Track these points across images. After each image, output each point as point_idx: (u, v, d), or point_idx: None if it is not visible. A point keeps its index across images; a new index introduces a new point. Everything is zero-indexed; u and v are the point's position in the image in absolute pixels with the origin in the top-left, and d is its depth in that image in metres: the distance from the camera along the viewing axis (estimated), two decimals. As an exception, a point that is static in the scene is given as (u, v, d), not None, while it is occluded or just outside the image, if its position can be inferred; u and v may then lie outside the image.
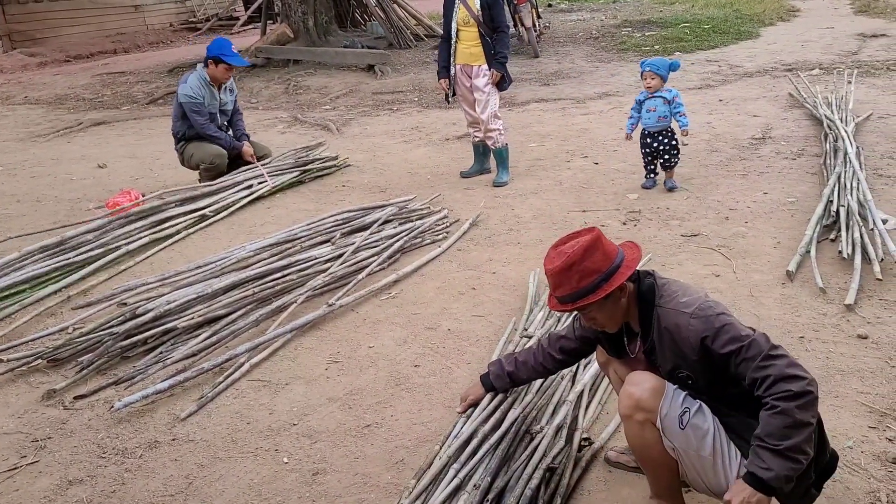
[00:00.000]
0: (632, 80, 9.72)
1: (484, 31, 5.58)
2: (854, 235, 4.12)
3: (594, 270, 2.10)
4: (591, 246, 2.11)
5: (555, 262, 2.14)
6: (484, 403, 2.71)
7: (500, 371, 2.68)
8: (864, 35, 12.03)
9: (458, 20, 5.65)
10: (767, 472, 1.85)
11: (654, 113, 5.36)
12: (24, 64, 15.20)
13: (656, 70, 5.28)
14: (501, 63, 5.67)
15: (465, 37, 5.68)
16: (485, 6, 5.55)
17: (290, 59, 12.34)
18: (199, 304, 3.85)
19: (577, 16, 16.63)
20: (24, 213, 5.84)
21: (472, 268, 4.44)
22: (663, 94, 5.31)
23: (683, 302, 2.09)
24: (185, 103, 5.66)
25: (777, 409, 1.85)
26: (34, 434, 3.03)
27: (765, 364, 1.92)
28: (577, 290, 2.12)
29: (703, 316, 2.04)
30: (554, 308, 2.21)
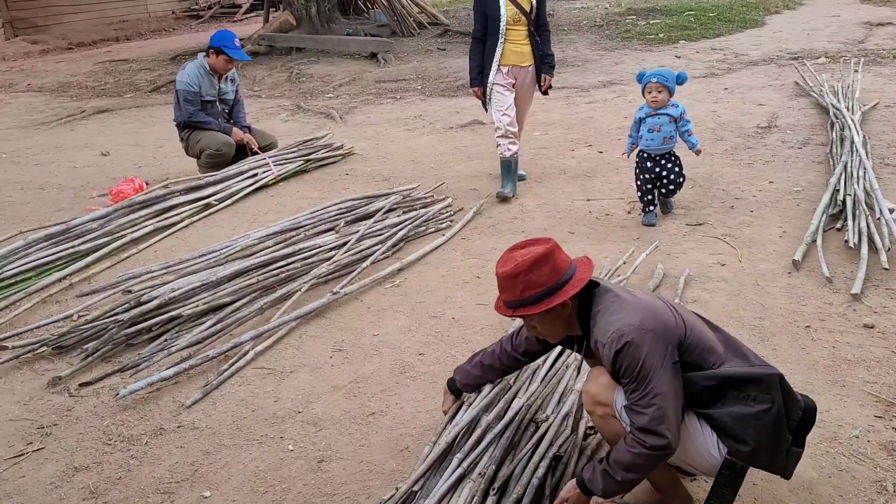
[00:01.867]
0: (636, 69, 9.67)
1: (534, 29, 5.15)
2: (860, 225, 4.11)
3: (539, 284, 2.11)
4: (540, 259, 2.11)
5: (504, 266, 2.15)
6: (485, 391, 2.71)
7: (467, 379, 2.66)
8: (870, 23, 11.95)
9: (507, 17, 5.07)
10: (596, 487, 2.11)
11: (658, 134, 4.50)
12: (27, 51, 15.15)
13: (664, 81, 4.39)
14: (553, 66, 5.32)
15: (514, 36, 5.15)
16: (538, 1, 5.14)
17: (292, 47, 12.30)
18: (204, 291, 3.85)
19: (582, 4, 16.54)
20: (28, 200, 5.83)
21: (476, 256, 4.43)
22: (669, 110, 4.47)
23: (609, 321, 2.09)
24: (180, 90, 5.66)
25: (635, 451, 2.02)
26: (40, 421, 3.03)
27: (638, 409, 2.03)
28: (518, 299, 2.14)
29: (613, 343, 2.04)
30: (498, 310, 2.24)
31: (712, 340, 2.15)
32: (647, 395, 2.02)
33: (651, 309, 2.09)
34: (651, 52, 10.87)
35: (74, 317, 3.76)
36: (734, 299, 3.68)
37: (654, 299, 2.18)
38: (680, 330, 2.09)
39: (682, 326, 2.10)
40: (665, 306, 2.14)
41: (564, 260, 2.17)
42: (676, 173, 4.61)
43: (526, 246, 2.19)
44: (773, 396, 2.04)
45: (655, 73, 4.43)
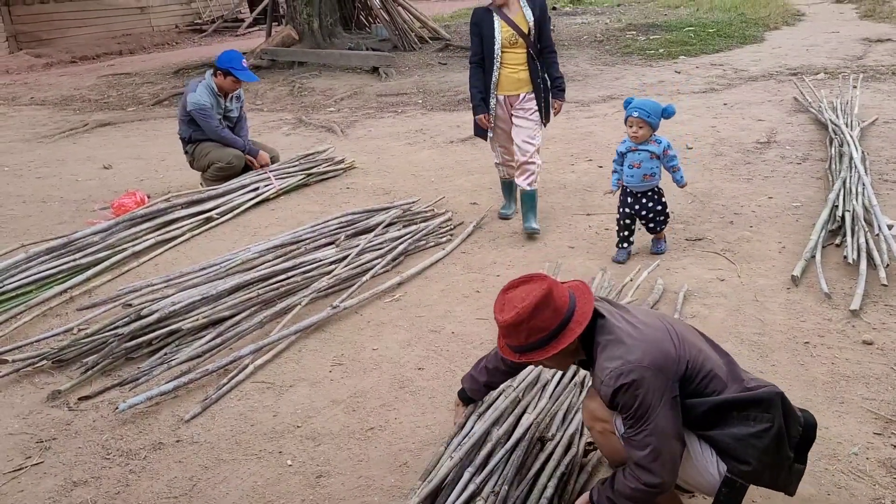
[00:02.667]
0: (636, 84, 9.73)
1: (533, 52, 4.67)
2: (859, 241, 4.12)
3: (543, 328, 2.07)
4: (540, 302, 2.06)
5: (504, 314, 2.11)
6: (496, 404, 2.71)
7: (475, 385, 2.65)
8: (869, 39, 12.01)
9: (502, 40, 4.62)
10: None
11: (637, 170, 4.21)
12: (31, 65, 15.25)
13: (645, 116, 4.06)
14: (563, 90, 4.85)
15: (510, 60, 4.68)
16: (537, 22, 4.63)
17: (294, 61, 12.37)
18: (204, 305, 3.86)
19: (582, 19, 16.64)
20: (30, 213, 5.85)
21: (476, 270, 4.44)
22: (650, 146, 4.17)
23: (609, 356, 2.07)
24: (194, 111, 5.70)
25: (631, 485, 2.06)
26: (39, 435, 3.04)
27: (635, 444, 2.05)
28: (524, 345, 2.11)
29: (612, 382, 2.04)
30: (503, 352, 2.22)
31: (715, 365, 2.13)
32: (644, 433, 2.02)
33: (652, 343, 2.06)
34: (651, 67, 10.93)
35: (75, 330, 3.76)
36: (733, 315, 3.69)
37: (656, 328, 2.12)
38: (682, 362, 2.07)
39: (684, 357, 2.08)
40: (667, 337, 2.10)
41: (563, 295, 2.12)
42: (657, 211, 4.32)
43: (521, 285, 2.15)
44: (773, 415, 2.04)
45: (638, 105, 4.08)
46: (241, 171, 5.98)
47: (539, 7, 4.64)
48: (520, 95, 4.75)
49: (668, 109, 4.10)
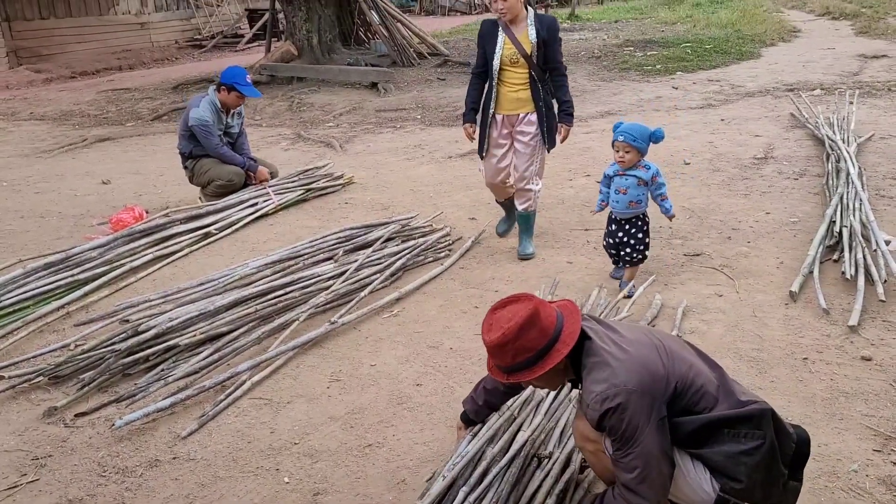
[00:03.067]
0: (634, 100, 9.78)
1: (536, 74, 4.46)
2: (857, 256, 4.12)
3: (528, 349, 2.08)
4: (526, 323, 2.06)
5: (490, 334, 2.11)
6: (490, 422, 2.71)
7: (475, 406, 2.64)
8: (865, 56, 12.10)
9: (502, 56, 4.45)
10: None
11: (624, 196, 4.04)
12: (30, 80, 15.30)
13: (632, 141, 3.90)
14: (571, 114, 4.56)
15: (511, 78, 4.49)
16: (541, 42, 4.38)
17: (293, 76, 12.42)
18: (202, 321, 3.85)
19: (580, 35, 16.74)
20: (28, 229, 5.85)
21: (474, 286, 4.43)
22: (638, 172, 4.01)
23: (595, 379, 2.07)
24: (195, 126, 5.71)
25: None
26: (35, 452, 3.02)
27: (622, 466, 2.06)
28: (511, 365, 2.11)
29: (598, 406, 2.04)
30: (491, 373, 2.22)
31: (706, 380, 2.12)
32: (631, 455, 2.02)
33: (639, 363, 2.05)
34: (648, 82, 10.99)
35: (72, 346, 3.75)
36: (732, 331, 3.69)
37: (644, 347, 2.11)
38: (671, 380, 2.06)
39: (673, 375, 2.07)
40: (656, 355, 2.09)
41: (550, 315, 2.12)
42: (637, 241, 4.12)
43: (508, 305, 2.15)
44: (764, 432, 2.04)
45: (624, 129, 3.93)
46: (241, 187, 6.00)
47: (547, 27, 4.42)
48: (519, 115, 4.55)
49: (656, 133, 3.92)
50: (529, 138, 4.55)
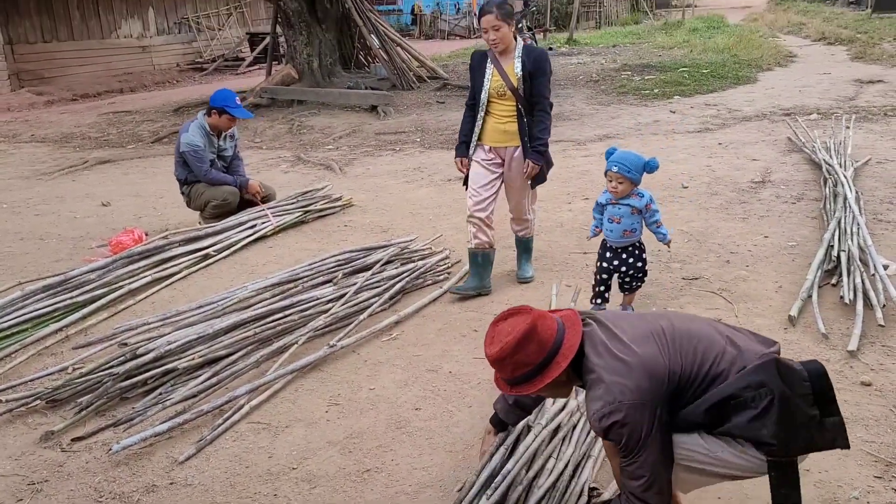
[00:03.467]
0: (631, 123, 9.84)
1: (523, 107, 4.35)
2: (855, 281, 4.13)
3: (527, 363, 2.11)
4: (523, 337, 2.10)
5: (490, 347, 2.16)
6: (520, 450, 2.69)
7: (506, 406, 2.65)
8: (860, 81, 12.20)
9: (489, 89, 4.36)
10: None
11: (617, 225, 3.94)
12: (32, 102, 15.39)
13: (625, 172, 3.79)
14: (540, 152, 4.36)
15: (499, 111, 4.38)
16: (526, 76, 4.27)
17: (294, 99, 12.51)
18: (200, 344, 3.84)
19: (578, 59, 16.88)
20: (28, 251, 5.85)
21: (473, 309, 4.43)
22: (632, 200, 3.90)
23: (594, 396, 2.10)
24: (186, 152, 5.76)
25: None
26: (31, 477, 2.99)
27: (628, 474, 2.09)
28: (512, 378, 2.16)
29: (598, 423, 2.07)
30: (497, 384, 2.25)
31: (717, 356, 2.10)
32: (636, 464, 2.05)
33: (636, 371, 2.06)
34: (646, 106, 11.07)
35: (69, 369, 3.73)
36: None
37: (644, 344, 2.11)
38: (674, 374, 2.08)
39: (677, 367, 2.08)
40: (655, 350, 2.10)
41: (549, 328, 2.14)
42: (637, 267, 4.04)
43: (508, 318, 2.18)
44: (770, 387, 2.00)
45: (618, 160, 3.81)
46: (237, 206, 6.01)
47: (534, 60, 4.30)
48: (508, 149, 4.44)
49: (650, 164, 3.82)
50: (517, 173, 4.46)
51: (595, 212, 4.11)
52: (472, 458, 2.99)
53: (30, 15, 16.91)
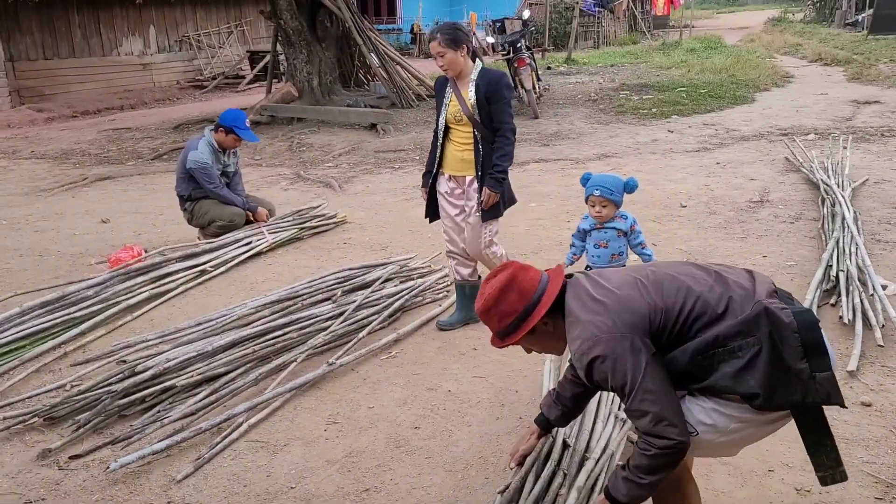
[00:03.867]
0: (630, 143, 9.88)
1: (480, 133, 4.09)
2: (854, 301, 4.14)
3: (510, 312, 2.21)
4: (503, 288, 2.21)
5: (477, 303, 2.29)
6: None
7: (549, 400, 2.61)
8: (857, 101, 12.27)
9: (447, 114, 4.18)
10: (620, 493, 2.12)
11: (605, 250, 3.86)
12: (32, 119, 15.43)
13: (609, 195, 3.70)
14: (498, 180, 4.05)
15: (457, 137, 4.18)
16: (482, 101, 4.04)
17: (294, 117, 12.55)
18: (199, 361, 3.83)
19: (576, 79, 16.98)
20: (26, 267, 5.85)
21: (473, 328, 4.43)
22: (616, 223, 3.82)
23: (573, 336, 2.15)
24: (195, 169, 5.76)
25: (649, 453, 2.05)
26: (27, 495, 2.97)
27: (635, 415, 2.06)
28: (500, 330, 2.26)
29: (580, 361, 2.12)
30: (492, 343, 2.35)
31: (702, 300, 2.08)
32: (636, 400, 2.03)
33: (615, 306, 2.08)
34: (644, 126, 11.12)
35: (67, 387, 3.72)
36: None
37: (624, 287, 2.13)
38: (656, 314, 2.07)
39: (659, 307, 2.08)
40: (636, 293, 2.11)
41: (531, 279, 2.22)
42: None
43: (496, 274, 2.28)
44: (757, 336, 1.99)
45: (599, 183, 3.74)
46: (241, 227, 6.04)
47: (489, 83, 4.04)
48: (467, 179, 4.20)
49: (629, 183, 3.77)
50: (475, 208, 4.17)
51: (575, 238, 4.00)
52: (471, 478, 2.99)
53: (31, 32, 17.00)
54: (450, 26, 4.14)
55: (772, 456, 3.00)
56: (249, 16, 22.68)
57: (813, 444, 2.05)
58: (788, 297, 2.15)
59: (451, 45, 4.02)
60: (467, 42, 4.05)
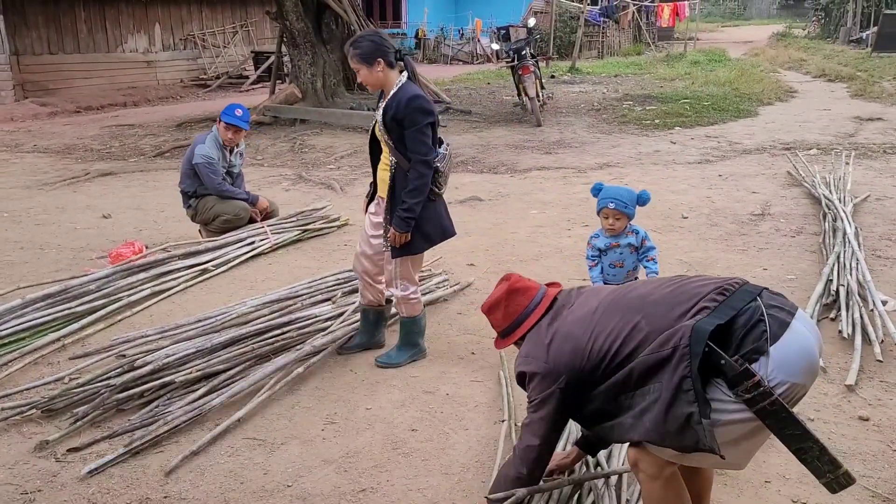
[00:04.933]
0: (632, 153, 9.90)
1: (396, 158, 3.70)
2: (854, 315, 4.14)
3: (497, 325, 2.60)
4: (494, 304, 2.59)
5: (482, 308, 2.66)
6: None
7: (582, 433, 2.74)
8: (860, 118, 12.30)
9: (372, 129, 3.83)
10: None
11: (621, 270, 3.82)
12: (35, 113, 15.44)
13: (623, 208, 3.65)
14: (402, 219, 3.64)
15: (383, 156, 3.83)
16: (390, 124, 3.64)
17: (296, 118, 12.58)
18: (198, 358, 3.83)
19: (580, 88, 17.02)
20: (27, 260, 5.85)
21: (471, 332, 4.43)
22: (629, 239, 3.79)
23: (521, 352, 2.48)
24: (200, 164, 5.74)
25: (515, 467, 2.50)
26: (24, 486, 2.97)
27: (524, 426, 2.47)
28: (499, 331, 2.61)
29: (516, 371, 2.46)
30: (496, 345, 2.67)
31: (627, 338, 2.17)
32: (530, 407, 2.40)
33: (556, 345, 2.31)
34: (647, 136, 11.15)
35: (66, 379, 3.72)
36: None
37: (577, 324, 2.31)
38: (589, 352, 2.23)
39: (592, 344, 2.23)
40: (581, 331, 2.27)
41: (519, 303, 2.52)
42: None
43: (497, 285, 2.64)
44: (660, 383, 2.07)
45: (612, 196, 3.68)
46: (245, 223, 6.04)
47: (398, 106, 3.60)
48: (384, 201, 3.83)
49: (642, 196, 3.70)
50: (382, 232, 3.84)
51: (591, 257, 3.89)
52: (468, 482, 2.99)
53: (37, 27, 17.03)
54: (364, 37, 3.68)
55: (769, 467, 3.00)
56: (255, 16, 22.74)
57: (796, 450, 2.01)
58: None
59: (363, 61, 3.63)
60: (384, 55, 3.61)
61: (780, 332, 2.02)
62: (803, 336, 2.05)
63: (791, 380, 2.00)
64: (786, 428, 1.98)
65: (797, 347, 2.03)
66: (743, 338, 2.03)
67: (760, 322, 2.03)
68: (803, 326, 2.07)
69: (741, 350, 2.02)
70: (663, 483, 2.21)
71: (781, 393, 1.98)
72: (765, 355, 1.99)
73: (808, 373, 2.06)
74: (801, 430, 1.98)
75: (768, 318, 2.03)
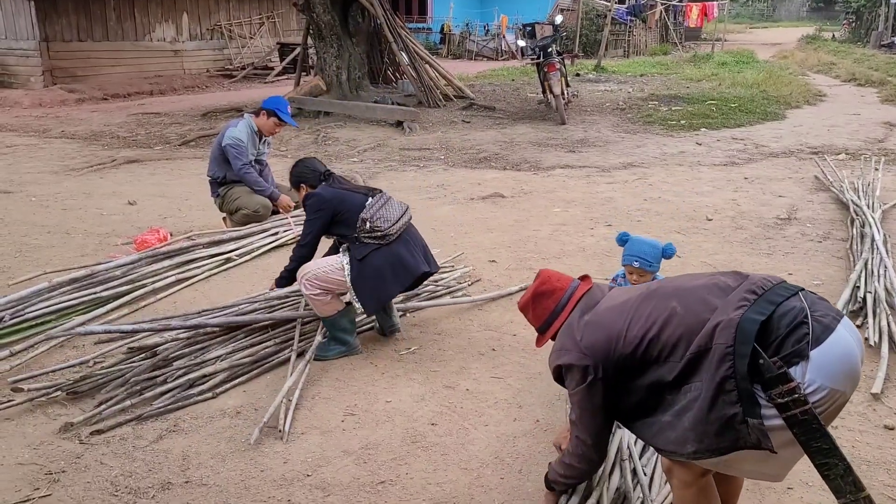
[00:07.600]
0: (657, 153, 9.83)
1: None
2: (881, 323, 4.09)
3: (531, 322, 2.65)
4: (526, 305, 2.63)
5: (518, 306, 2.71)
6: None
7: None
8: (890, 124, 12.11)
9: None
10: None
11: None
12: (63, 99, 15.63)
13: (647, 266, 3.50)
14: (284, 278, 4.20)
15: None
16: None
17: (321, 110, 12.61)
18: (220, 346, 3.86)
19: (605, 86, 16.92)
20: (53, 244, 5.92)
21: (492, 328, 4.43)
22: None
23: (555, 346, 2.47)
24: (229, 145, 5.79)
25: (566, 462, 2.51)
26: (48, 466, 3.01)
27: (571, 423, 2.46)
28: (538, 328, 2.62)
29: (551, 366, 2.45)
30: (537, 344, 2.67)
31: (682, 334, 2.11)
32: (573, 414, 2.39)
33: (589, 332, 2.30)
34: (672, 137, 11.06)
35: (90, 363, 3.77)
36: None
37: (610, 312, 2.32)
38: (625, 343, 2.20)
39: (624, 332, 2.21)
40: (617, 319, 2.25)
41: (546, 306, 2.54)
42: None
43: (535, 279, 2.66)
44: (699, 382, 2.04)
45: (637, 254, 3.51)
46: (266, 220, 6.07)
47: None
48: None
49: (667, 250, 3.56)
50: None
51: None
52: (486, 477, 2.99)
53: (67, 14, 17.22)
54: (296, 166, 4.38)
55: (791, 474, 2.94)
56: (281, 8, 22.83)
57: (820, 465, 1.95)
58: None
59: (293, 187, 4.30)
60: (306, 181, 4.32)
61: (824, 337, 1.97)
62: (847, 342, 1.99)
63: (830, 385, 1.94)
64: (814, 440, 1.92)
65: (839, 352, 1.97)
66: (784, 338, 1.98)
67: (804, 324, 1.98)
68: (848, 333, 2.02)
69: (781, 352, 1.96)
70: (697, 490, 2.19)
71: (819, 399, 1.93)
72: (805, 359, 1.94)
73: (849, 379, 1.99)
74: (829, 445, 1.92)
75: (812, 321, 1.99)
